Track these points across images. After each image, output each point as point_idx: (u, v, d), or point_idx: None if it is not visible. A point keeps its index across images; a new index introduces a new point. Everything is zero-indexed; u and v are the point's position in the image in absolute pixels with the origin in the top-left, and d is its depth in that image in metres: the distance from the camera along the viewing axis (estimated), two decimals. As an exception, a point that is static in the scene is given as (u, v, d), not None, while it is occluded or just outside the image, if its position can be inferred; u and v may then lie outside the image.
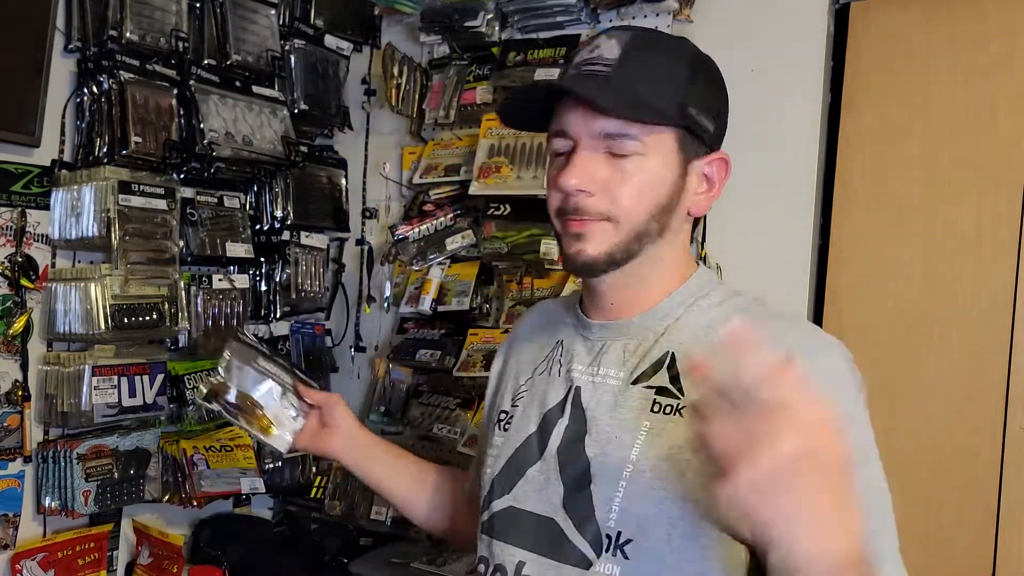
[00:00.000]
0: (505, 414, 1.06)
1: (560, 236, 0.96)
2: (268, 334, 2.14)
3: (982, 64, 1.71)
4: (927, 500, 1.73)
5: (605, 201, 0.91)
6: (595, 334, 1.01)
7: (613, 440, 0.93)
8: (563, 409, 0.98)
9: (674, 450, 0.89)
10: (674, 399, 0.91)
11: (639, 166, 0.91)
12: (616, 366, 0.97)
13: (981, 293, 1.70)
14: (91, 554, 1.79)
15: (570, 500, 0.93)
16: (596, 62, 0.90)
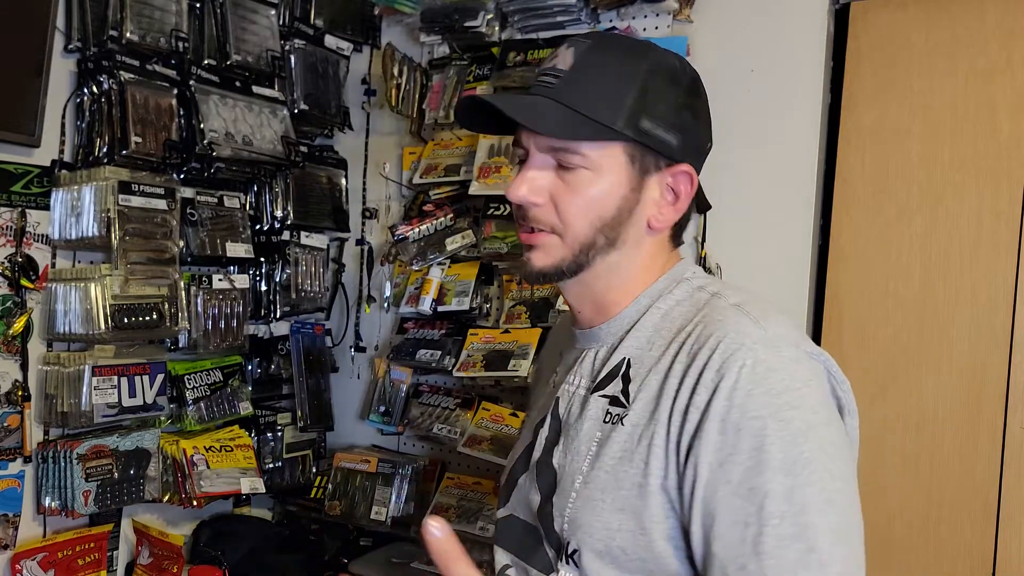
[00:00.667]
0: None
1: None
2: (268, 334, 2.14)
3: (982, 64, 1.71)
4: (927, 500, 1.73)
5: (551, 213, 0.91)
6: (578, 343, 1.02)
7: (572, 450, 0.93)
8: (545, 419, 1.00)
9: (615, 460, 0.87)
10: (622, 408, 0.89)
11: (586, 180, 0.90)
12: (587, 375, 0.97)
13: (981, 293, 1.70)
14: (91, 554, 1.79)
15: (541, 509, 0.95)
16: (549, 72, 0.90)
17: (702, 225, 1.86)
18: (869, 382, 1.80)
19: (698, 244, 1.87)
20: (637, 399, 0.88)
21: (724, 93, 1.83)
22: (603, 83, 0.89)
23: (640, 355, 0.92)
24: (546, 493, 0.95)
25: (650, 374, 0.88)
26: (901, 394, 1.77)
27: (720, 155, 1.89)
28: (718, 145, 1.98)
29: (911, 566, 1.75)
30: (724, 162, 1.84)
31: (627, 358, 0.93)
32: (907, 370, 1.77)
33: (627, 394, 0.90)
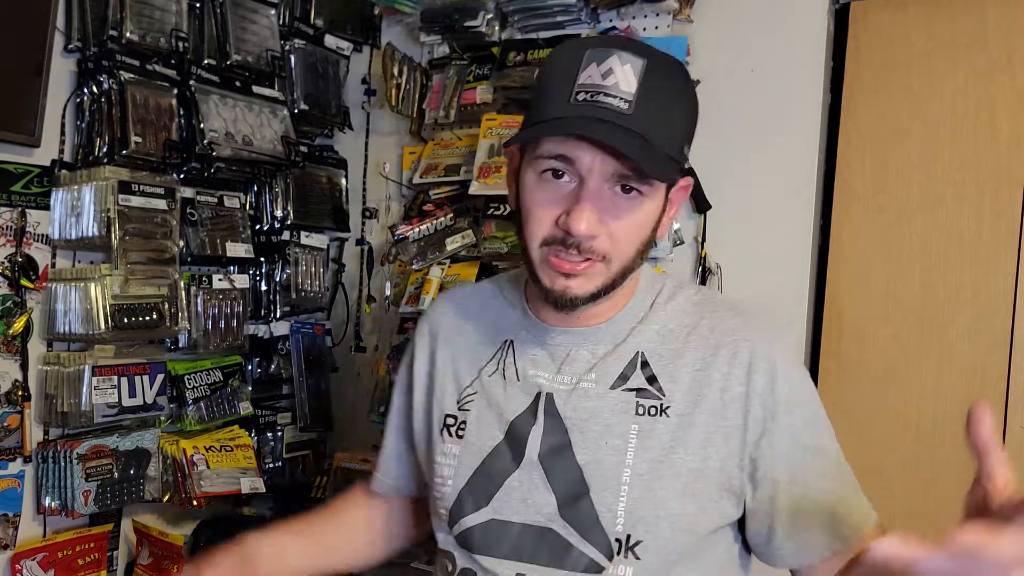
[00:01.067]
0: (453, 419, 1.03)
1: (536, 264, 0.92)
2: (268, 334, 2.14)
3: (982, 64, 1.71)
4: (927, 500, 1.73)
5: (606, 243, 0.89)
6: (556, 339, 1.00)
7: (603, 446, 0.93)
8: (535, 415, 0.97)
9: (665, 450, 0.92)
10: (656, 399, 0.94)
11: (639, 207, 0.90)
12: (587, 372, 0.97)
13: (981, 293, 1.70)
14: (91, 554, 1.79)
15: (568, 509, 0.93)
16: (612, 94, 0.85)
17: (702, 225, 1.86)
18: (869, 382, 1.80)
19: (698, 244, 1.87)
20: (670, 391, 0.94)
21: (724, 93, 1.84)
22: (669, 114, 0.90)
23: (655, 349, 0.97)
24: (568, 492, 0.93)
25: (676, 367, 0.96)
26: (901, 394, 1.77)
27: (720, 155, 1.90)
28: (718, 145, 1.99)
29: (911, 566, 1.75)
30: (724, 162, 1.85)
31: (640, 351, 0.97)
32: (907, 370, 1.77)
33: (659, 387, 0.95)
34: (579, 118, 0.85)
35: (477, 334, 1.07)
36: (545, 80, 0.92)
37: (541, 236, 0.90)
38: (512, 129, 2.00)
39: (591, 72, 0.87)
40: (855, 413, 1.81)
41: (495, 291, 1.11)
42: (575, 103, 0.86)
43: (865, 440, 1.80)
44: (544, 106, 0.89)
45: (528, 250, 0.92)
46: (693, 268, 1.87)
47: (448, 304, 1.13)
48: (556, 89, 0.88)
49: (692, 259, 1.88)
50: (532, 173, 0.91)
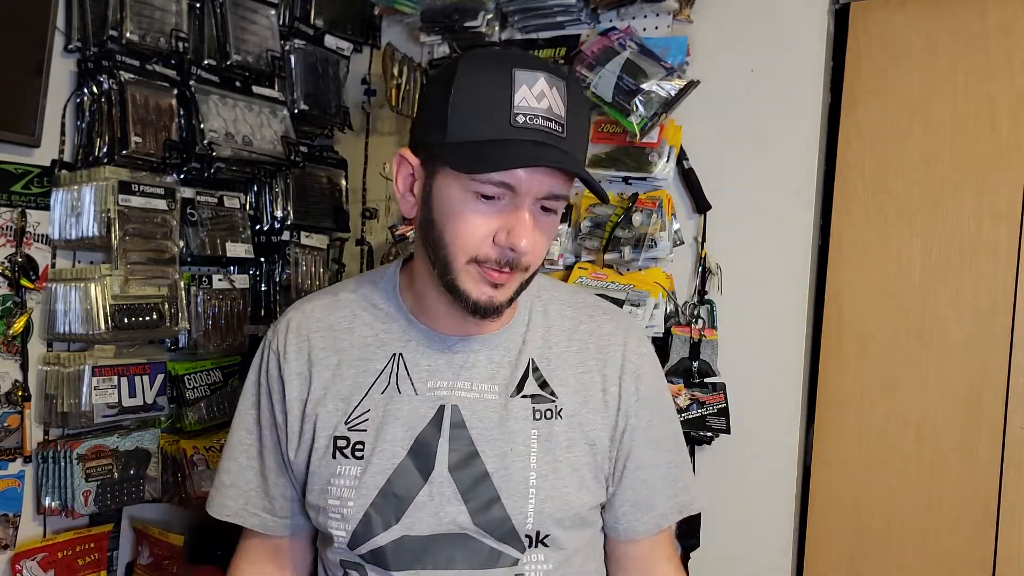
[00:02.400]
0: (346, 440, 1.01)
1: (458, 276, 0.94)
2: (268, 334, 2.14)
3: (982, 64, 1.71)
4: (927, 500, 1.73)
5: (532, 257, 0.95)
6: (455, 347, 1.03)
7: (508, 453, 0.99)
8: (439, 429, 0.99)
9: (562, 450, 1.02)
10: (549, 403, 1.02)
11: (555, 221, 0.97)
12: (488, 380, 1.02)
13: (981, 293, 1.70)
14: (91, 554, 1.79)
15: (480, 516, 0.98)
16: (549, 117, 0.90)
17: (702, 225, 1.86)
18: (869, 382, 1.80)
19: (698, 244, 1.87)
20: (560, 393, 1.03)
21: (724, 93, 1.84)
22: (582, 128, 0.97)
23: (543, 354, 1.05)
24: (480, 501, 0.97)
25: (563, 370, 1.05)
26: (901, 394, 1.77)
27: (720, 155, 1.90)
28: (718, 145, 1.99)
29: (911, 566, 1.75)
30: (724, 162, 1.85)
31: (531, 359, 1.04)
32: (907, 370, 1.77)
33: (551, 391, 1.03)
34: (525, 143, 0.89)
35: (356, 351, 1.05)
36: (467, 95, 0.91)
37: (472, 252, 0.93)
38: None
39: (525, 94, 0.90)
40: (855, 413, 1.81)
41: (360, 303, 1.08)
42: (516, 126, 0.89)
43: (865, 440, 1.80)
44: (476, 125, 0.90)
45: (448, 263, 0.94)
46: (693, 268, 1.87)
47: (312, 323, 1.08)
48: (489, 108, 0.90)
49: (692, 259, 1.88)
50: (460, 191, 0.92)
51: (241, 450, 1.14)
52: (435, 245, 0.96)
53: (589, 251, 1.92)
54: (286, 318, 1.11)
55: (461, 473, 0.98)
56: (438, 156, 0.93)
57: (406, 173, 1.00)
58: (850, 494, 1.81)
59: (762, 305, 1.82)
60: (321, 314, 1.09)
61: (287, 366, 1.07)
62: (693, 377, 1.82)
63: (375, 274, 1.13)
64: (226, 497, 1.14)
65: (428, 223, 0.97)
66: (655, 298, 1.81)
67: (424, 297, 1.03)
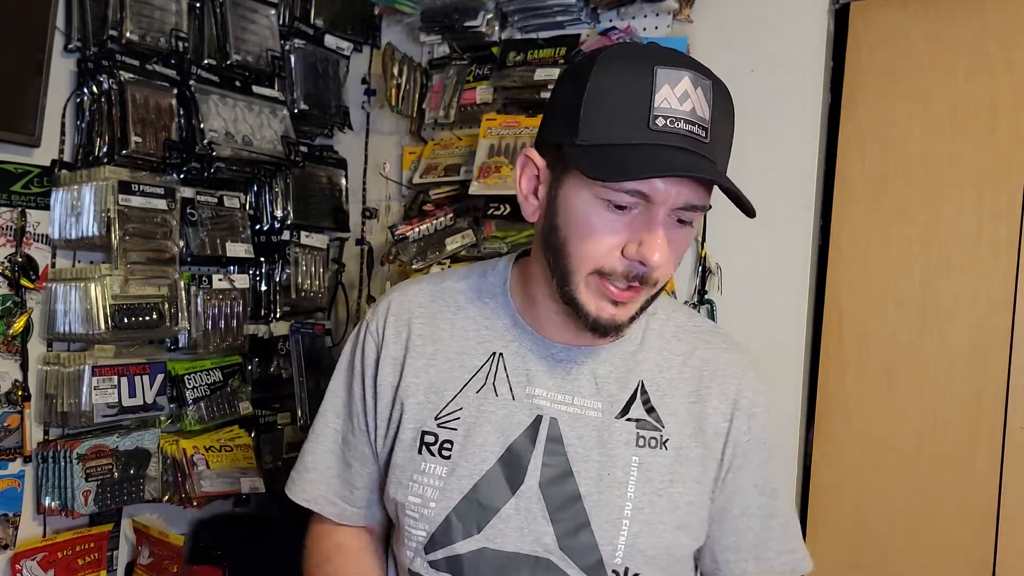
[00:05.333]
0: (434, 437, 0.96)
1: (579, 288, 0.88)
2: (268, 334, 2.14)
3: (982, 64, 1.71)
4: (927, 500, 1.73)
5: (663, 272, 0.88)
6: (558, 355, 0.96)
7: (605, 477, 0.93)
8: (533, 441, 0.93)
9: (664, 483, 0.94)
10: (655, 431, 0.95)
11: (689, 234, 0.90)
12: (591, 396, 0.95)
13: (981, 293, 1.70)
14: (91, 554, 1.79)
15: (567, 540, 0.91)
16: (692, 120, 0.82)
17: (702, 225, 1.86)
18: (869, 382, 1.80)
19: (698, 244, 1.87)
20: (668, 422, 0.95)
21: (724, 93, 1.84)
22: (729, 138, 0.89)
23: (653, 377, 0.97)
24: (569, 524, 0.92)
25: (672, 398, 0.97)
26: (901, 394, 1.77)
27: (720, 155, 1.88)
28: (718, 145, 1.96)
29: (911, 566, 1.75)
30: (724, 162, 1.85)
31: (642, 381, 0.96)
32: (907, 370, 1.77)
33: (657, 417, 0.95)
34: (665, 148, 0.82)
35: (456, 342, 0.99)
36: (604, 93, 0.84)
37: (598, 265, 0.86)
38: (512, 129, 2.00)
39: (666, 95, 0.82)
40: (855, 413, 1.81)
41: (468, 295, 1.02)
42: (655, 130, 0.82)
43: (865, 440, 1.80)
44: (612, 126, 0.83)
45: (570, 273, 0.88)
46: (693, 268, 1.87)
47: (414, 306, 1.03)
48: (626, 108, 0.83)
49: (692, 259, 1.88)
50: (590, 196, 0.85)
51: (327, 434, 1.09)
52: (557, 253, 0.89)
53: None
54: (387, 300, 1.05)
55: (552, 491, 0.92)
56: (568, 159, 0.85)
57: (531, 175, 0.93)
58: (850, 494, 1.81)
59: (762, 305, 1.82)
60: (424, 300, 1.03)
61: (385, 350, 1.01)
62: (693, 377, 1.82)
63: (484, 266, 1.06)
64: (306, 482, 1.08)
65: (551, 229, 0.89)
66: (655, 298, 1.80)
67: (535, 300, 0.97)
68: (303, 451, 1.11)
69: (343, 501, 1.08)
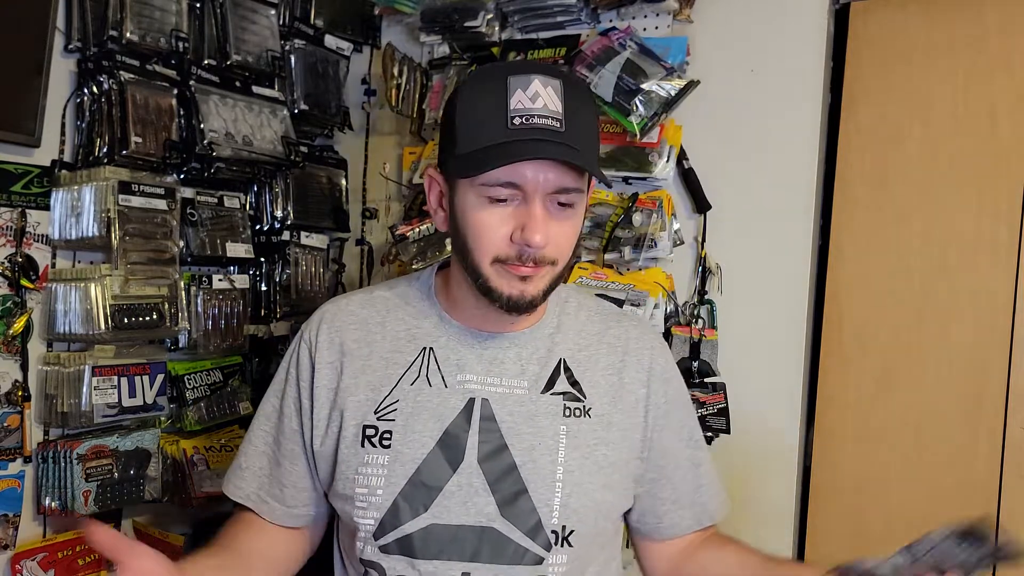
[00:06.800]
0: (374, 429, 1.04)
1: (489, 277, 0.99)
2: (268, 334, 2.14)
3: (982, 64, 1.71)
4: (927, 500, 1.73)
5: (554, 250, 0.98)
6: (485, 343, 1.07)
7: (537, 447, 1.03)
8: (469, 421, 1.03)
9: (589, 446, 1.05)
10: (579, 402, 1.06)
11: (574, 214, 1.00)
12: (517, 376, 1.06)
13: (981, 293, 1.70)
14: (91, 554, 1.78)
15: (508, 508, 1.01)
16: (544, 114, 0.94)
17: (702, 225, 1.86)
18: (869, 382, 1.80)
19: (698, 244, 1.87)
20: (590, 394, 1.07)
21: (724, 93, 1.84)
22: (589, 127, 1.00)
23: (573, 355, 1.09)
24: (508, 493, 1.01)
25: (592, 372, 1.09)
26: (901, 394, 1.77)
27: (720, 155, 1.90)
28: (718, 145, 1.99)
29: (911, 566, 1.75)
30: (724, 162, 1.85)
31: (563, 358, 1.08)
32: (907, 370, 1.77)
33: (580, 389, 1.07)
34: (522, 141, 0.93)
35: (388, 343, 1.09)
36: (469, 109, 0.97)
37: (494, 254, 0.98)
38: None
39: (519, 97, 0.94)
40: (855, 413, 1.81)
41: (395, 302, 1.13)
42: (513, 128, 0.94)
43: (865, 440, 1.80)
44: (478, 134, 0.95)
45: (476, 267, 0.99)
46: (693, 268, 1.87)
47: (346, 316, 1.13)
48: (486, 117, 0.95)
49: (692, 259, 1.88)
50: (474, 197, 0.97)
51: (259, 435, 1.17)
52: (463, 252, 1.00)
53: (589, 251, 1.92)
54: (320, 311, 1.16)
55: (490, 464, 1.01)
56: (451, 169, 0.99)
57: (436, 190, 1.06)
58: (850, 494, 1.81)
59: (762, 305, 1.82)
60: (355, 308, 1.14)
61: (319, 355, 1.10)
62: (693, 377, 1.82)
63: (409, 277, 1.19)
64: (240, 479, 1.17)
65: (456, 233, 1.02)
66: (655, 298, 1.81)
67: (458, 298, 1.08)
68: (237, 453, 1.20)
69: (273, 499, 1.15)
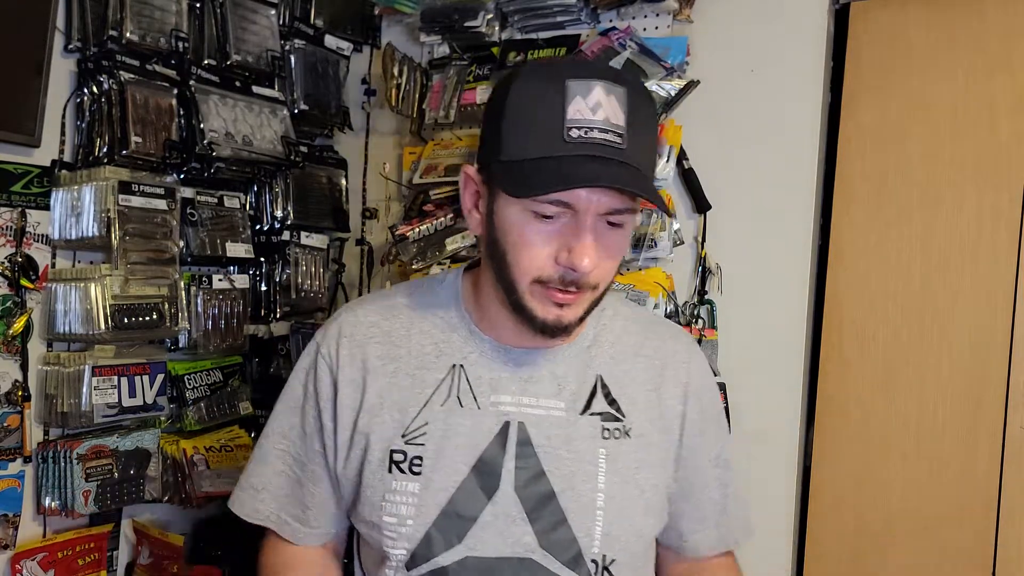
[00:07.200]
0: (403, 455, 0.96)
1: (524, 296, 0.91)
2: (268, 334, 2.14)
3: (982, 64, 1.71)
4: (927, 500, 1.73)
5: (598, 275, 0.91)
6: (518, 360, 0.99)
7: (576, 473, 0.96)
8: (504, 446, 0.95)
9: (630, 470, 0.98)
10: (618, 421, 0.99)
11: (623, 236, 0.93)
12: (554, 396, 0.98)
13: (981, 293, 1.70)
14: (91, 554, 1.79)
15: (547, 538, 0.94)
16: (606, 128, 0.85)
17: (702, 225, 1.86)
18: (869, 382, 1.80)
19: (698, 244, 1.87)
20: (629, 412, 1.00)
21: (724, 93, 1.84)
22: (651, 142, 0.92)
23: (610, 371, 1.02)
24: (546, 522, 0.94)
25: (631, 388, 1.01)
26: (901, 394, 1.77)
27: (720, 155, 1.90)
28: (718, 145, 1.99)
29: (911, 566, 1.75)
30: (724, 162, 1.85)
31: (600, 375, 1.01)
32: (907, 370, 1.77)
33: (618, 408, 1.00)
34: (578, 159, 0.84)
35: (414, 359, 1.00)
36: (520, 110, 0.87)
37: (536, 274, 0.89)
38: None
39: (579, 106, 0.84)
40: (855, 413, 1.81)
41: (419, 311, 1.03)
42: (570, 141, 0.84)
43: (865, 440, 1.80)
44: (530, 141, 0.86)
45: (513, 283, 0.91)
46: (693, 268, 1.87)
47: (367, 328, 1.03)
48: (541, 123, 0.85)
49: (692, 259, 1.88)
50: (519, 210, 0.89)
51: (276, 455, 1.08)
52: (500, 264, 0.92)
53: (589, 251, 1.91)
54: (337, 323, 1.05)
55: (527, 492, 0.94)
56: (493, 176, 0.91)
57: (471, 190, 0.98)
58: (850, 494, 1.81)
59: (762, 305, 1.82)
60: (376, 319, 1.03)
61: (340, 372, 1.01)
62: (693, 377, 1.82)
63: (431, 281, 1.09)
64: (257, 501, 1.08)
65: (493, 242, 0.94)
66: (655, 298, 1.81)
67: (489, 309, 0.99)
68: (248, 471, 1.11)
69: (296, 520, 1.07)
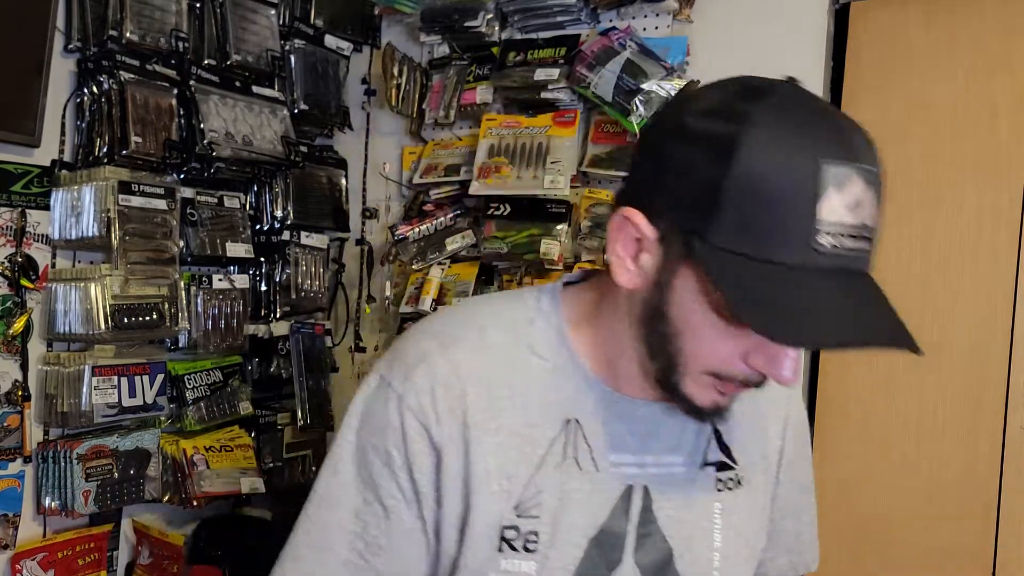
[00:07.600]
0: (515, 531, 0.80)
1: (682, 380, 0.75)
2: (268, 334, 2.14)
3: (982, 64, 1.71)
4: (927, 500, 1.73)
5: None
6: (639, 413, 0.83)
7: (695, 536, 0.85)
8: (627, 513, 0.82)
9: (743, 522, 0.89)
10: (731, 470, 0.88)
11: None
12: (673, 451, 0.85)
13: (981, 293, 1.70)
14: (91, 554, 1.79)
15: None
16: (864, 236, 0.68)
17: (702, 225, 1.86)
18: (869, 382, 1.80)
19: (698, 244, 1.86)
20: (740, 458, 0.89)
21: (724, 93, 1.84)
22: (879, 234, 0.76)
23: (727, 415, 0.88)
24: None
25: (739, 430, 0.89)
26: (901, 394, 1.77)
27: (720, 155, 1.88)
28: (718, 145, 1.95)
29: (911, 566, 1.75)
30: (724, 162, 1.84)
31: None
32: (907, 370, 1.77)
33: (730, 455, 0.88)
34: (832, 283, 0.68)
35: (519, 412, 0.81)
36: (759, 187, 0.65)
37: (716, 369, 0.74)
38: (512, 129, 1.99)
39: (835, 204, 0.65)
40: (855, 414, 1.81)
41: (520, 351, 0.83)
42: (820, 251, 0.65)
43: (865, 440, 1.80)
44: (764, 237, 0.66)
45: (678, 366, 0.75)
46: (693, 268, 1.87)
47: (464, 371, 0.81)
48: (784, 215, 0.65)
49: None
50: (723, 319, 0.71)
51: (342, 539, 0.85)
52: (664, 341, 0.74)
53: (589, 251, 1.91)
54: (426, 364, 0.81)
55: (646, 560, 0.83)
56: (700, 261, 0.68)
57: (630, 238, 0.75)
58: (850, 494, 1.81)
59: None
60: (475, 364, 0.82)
61: (439, 431, 0.80)
62: (693, 377, 1.81)
63: (523, 310, 0.86)
64: None
65: (659, 315, 0.74)
66: (655, 298, 1.80)
67: (610, 354, 0.82)
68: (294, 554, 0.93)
69: None
